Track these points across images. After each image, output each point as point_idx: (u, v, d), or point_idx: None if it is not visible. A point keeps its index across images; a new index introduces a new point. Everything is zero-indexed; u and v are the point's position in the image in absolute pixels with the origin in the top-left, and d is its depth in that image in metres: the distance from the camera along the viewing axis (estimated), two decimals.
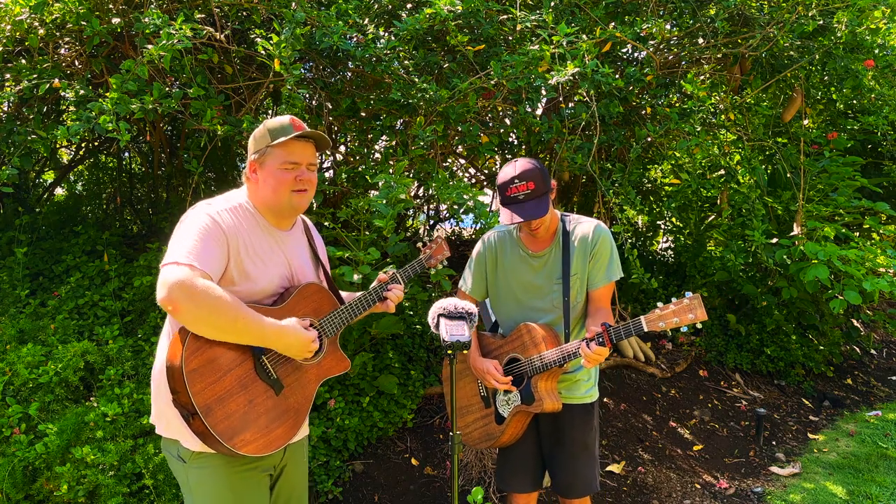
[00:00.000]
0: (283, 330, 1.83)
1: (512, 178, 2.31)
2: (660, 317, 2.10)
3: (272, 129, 1.92)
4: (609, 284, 2.42)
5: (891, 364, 6.65)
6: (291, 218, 2.07)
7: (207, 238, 1.77)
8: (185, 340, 1.71)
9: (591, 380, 2.54)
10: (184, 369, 1.68)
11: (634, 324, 2.13)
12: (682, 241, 6.13)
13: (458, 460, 1.94)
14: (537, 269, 2.47)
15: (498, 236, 2.59)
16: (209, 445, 1.76)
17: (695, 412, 4.79)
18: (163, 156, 4.85)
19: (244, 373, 1.81)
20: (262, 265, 1.91)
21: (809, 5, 3.72)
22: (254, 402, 1.81)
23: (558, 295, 2.43)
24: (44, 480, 2.82)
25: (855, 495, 3.77)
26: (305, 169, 1.96)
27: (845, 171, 4.64)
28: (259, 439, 1.79)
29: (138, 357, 3.38)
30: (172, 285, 1.64)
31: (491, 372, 2.43)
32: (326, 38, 3.01)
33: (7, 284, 3.76)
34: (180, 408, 1.73)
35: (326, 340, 2.05)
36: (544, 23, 3.22)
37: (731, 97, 4.51)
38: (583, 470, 2.50)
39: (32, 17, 2.95)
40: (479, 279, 2.63)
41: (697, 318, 2.06)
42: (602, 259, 2.41)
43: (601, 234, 2.42)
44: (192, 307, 1.65)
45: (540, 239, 2.48)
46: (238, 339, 1.77)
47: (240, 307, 1.73)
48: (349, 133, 4.06)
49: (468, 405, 2.64)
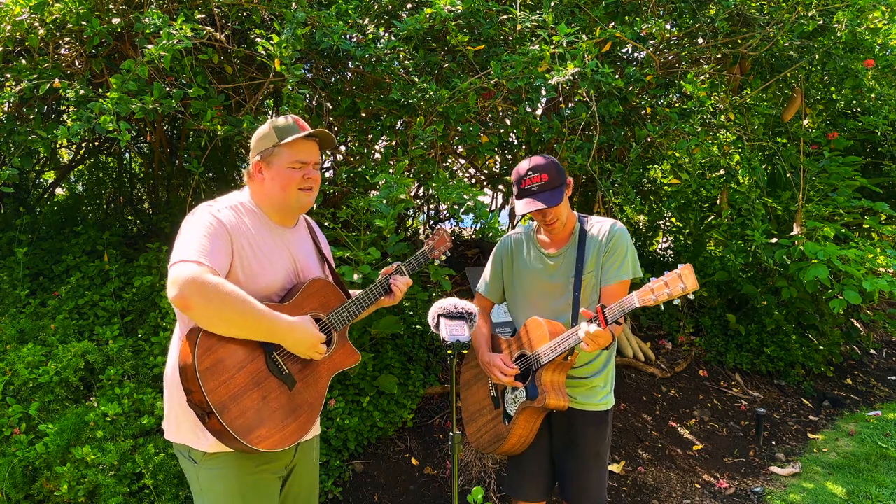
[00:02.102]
0: (293, 326, 1.84)
1: (527, 170, 2.34)
2: (651, 290, 2.06)
3: (278, 128, 1.94)
4: (622, 283, 2.37)
5: (891, 364, 6.65)
6: (296, 216, 2.08)
7: (213, 236, 1.78)
8: (195, 340, 1.72)
9: (606, 386, 2.50)
10: (197, 368, 1.69)
11: (626, 301, 2.09)
12: (682, 241, 6.13)
13: (458, 460, 1.94)
14: (553, 269, 2.45)
15: (515, 238, 2.59)
16: (226, 443, 1.77)
17: (695, 412, 4.79)
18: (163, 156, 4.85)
19: (257, 369, 1.82)
20: (267, 262, 1.93)
21: (809, 5, 3.73)
22: (267, 398, 1.82)
23: (571, 293, 2.41)
24: (44, 480, 2.82)
25: (855, 495, 3.77)
26: (312, 168, 1.98)
27: (845, 170, 4.64)
28: (275, 435, 1.80)
29: (138, 357, 3.38)
30: (184, 282, 1.64)
31: (497, 364, 2.42)
32: (326, 38, 3.01)
33: (7, 284, 3.76)
34: (195, 407, 1.73)
35: (336, 334, 2.06)
36: (544, 23, 3.22)
37: (731, 97, 4.51)
38: (594, 480, 2.47)
39: (33, 18, 2.95)
40: (495, 280, 2.62)
41: (689, 289, 2.01)
42: (616, 256, 2.38)
43: (617, 231, 2.40)
44: (203, 303, 1.66)
45: (557, 238, 2.47)
46: (249, 335, 1.78)
47: (250, 302, 1.74)
48: (349, 133, 4.06)
49: (480, 409, 2.61)
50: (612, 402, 2.52)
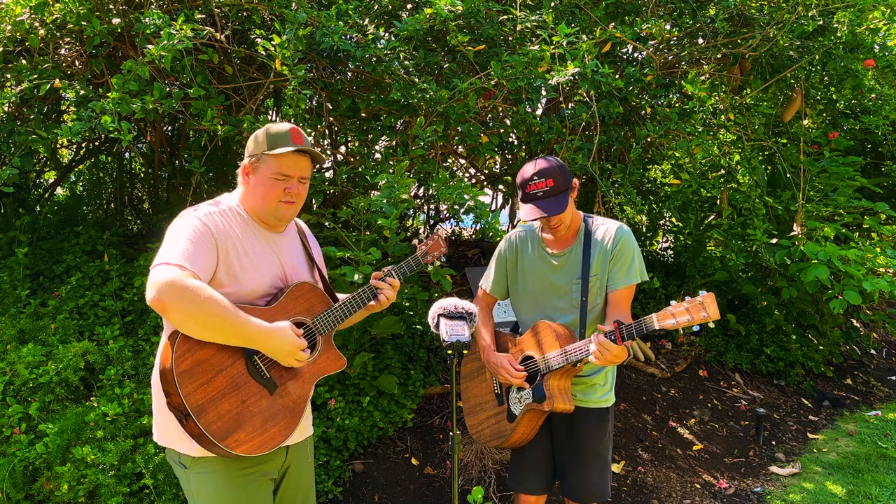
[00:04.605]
0: (270, 333, 1.81)
1: (532, 175, 2.33)
2: (672, 314, 2.06)
3: (271, 135, 1.92)
4: (629, 287, 2.38)
5: (891, 364, 6.65)
6: (279, 224, 2.06)
7: (197, 240, 1.77)
8: (175, 342, 1.71)
9: (607, 384, 2.52)
10: (174, 371, 1.69)
11: (646, 321, 2.10)
12: (682, 241, 6.13)
13: (458, 460, 1.94)
14: (557, 269, 2.46)
15: (520, 235, 2.59)
16: (204, 447, 1.76)
17: (695, 412, 4.79)
18: (163, 156, 4.85)
19: (236, 373, 1.80)
20: (253, 266, 1.91)
21: (809, 5, 3.72)
22: (246, 402, 1.80)
23: (577, 295, 2.41)
24: (44, 480, 2.82)
25: (854, 495, 3.77)
26: (297, 182, 1.96)
27: (845, 171, 4.64)
28: (253, 439, 1.79)
29: (138, 357, 3.38)
30: (162, 285, 1.64)
31: (504, 366, 2.42)
32: (326, 39, 3.01)
33: (7, 284, 3.76)
34: (174, 410, 1.73)
35: (321, 339, 2.04)
36: (544, 23, 3.22)
37: (731, 97, 4.51)
38: (595, 476, 2.48)
39: (33, 18, 2.95)
40: (499, 277, 2.63)
41: (710, 318, 2.01)
42: (623, 260, 2.38)
43: (623, 235, 2.40)
44: (180, 306, 1.65)
45: (561, 238, 2.47)
46: (226, 340, 1.76)
47: (228, 307, 1.73)
48: (349, 133, 4.06)
49: (482, 402, 2.62)
50: (612, 399, 2.54)
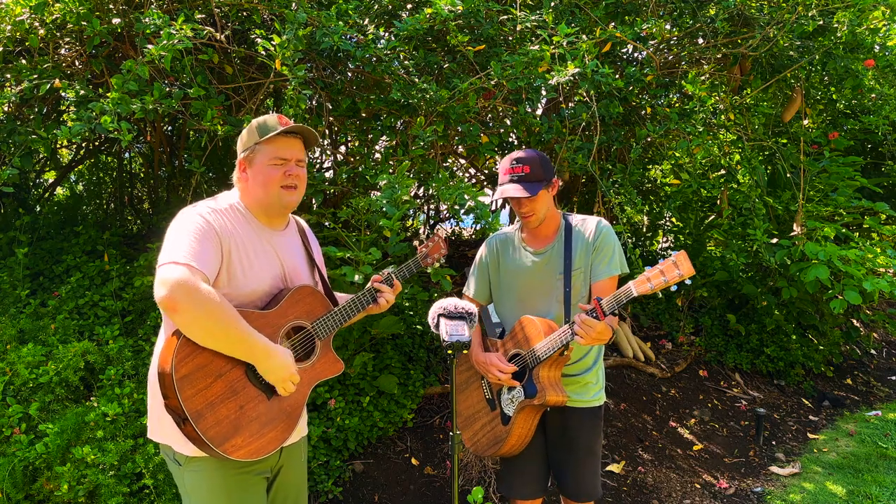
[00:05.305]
0: (270, 353, 1.81)
1: (512, 160, 2.39)
2: (647, 279, 2.08)
3: (260, 126, 1.92)
4: (612, 278, 2.41)
5: (891, 364, 6.65)
6: (283, 216, 2.05)
7: (203, 238, 1.76)
8: (175, 346, 1.70)
9: (598, 383, 2.55)
10: (174, 375, 1.68)
11: (625, 291, 2.12)
12: (683, 241, 6.13)
13: (458, 460, 1.94)
14: (540, 267, 2.47)
15: (500, 238, 2.60)
16: (201, 450, 1.76)
17: (695, 412, 4.79)
18: (163, 156, 4.85)
19: (235, 378, 1.80)
20: (254, 266, 1.90)
21: (809, 5, 3.72)
22: (244, 407, 1.80)
23: (560, 291, 2.43)
24: (44, 480, 2.82)
25: (855, 495, 3.77)
26: (294, 165, 1.95)
27: (845, 171, 4.64)
28: (251, 444, 1.79)
29: (138, 357, 3.38)
30: (174, 284, 1.62)
31: (493, 363, 2.41)
32: (326, 39, 3.01)
33: (7, 284, 3.76)
34: (172, 413, 1.73)
35: (319, 343, 2.03)
36: (544, 23, 3.22)
37: (731, 97, 4.51)
38: (590, 475, 2.51)
39: (33, 18, 2.95)
40: (481, 282, 2.63)
41: (685, 275, 2.03)
42: (604, 252, 2.42)
43: (603, 228, 2.45)
44: (190, 308, 1.64)
45: (542, 236, 2.49)
46: (226, 349, 1.75)
47: (235, 317, 1.72)
48: (349, 133, 4.06)
49: (475, 413, 2.60)
50: (603, 398, 2.58)
